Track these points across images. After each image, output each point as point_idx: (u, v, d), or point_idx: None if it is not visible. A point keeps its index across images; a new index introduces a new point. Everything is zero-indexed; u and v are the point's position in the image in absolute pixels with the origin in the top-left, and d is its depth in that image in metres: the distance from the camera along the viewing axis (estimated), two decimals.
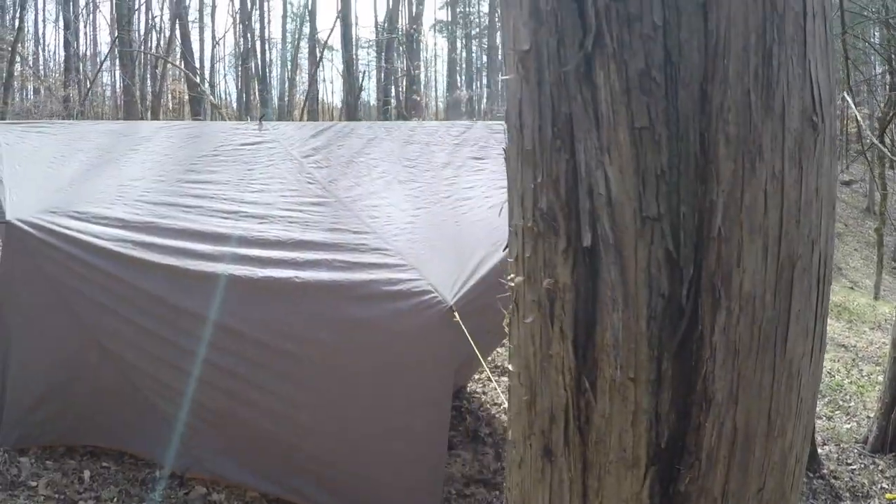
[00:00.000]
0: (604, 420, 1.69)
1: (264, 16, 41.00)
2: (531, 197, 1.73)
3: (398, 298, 4.58)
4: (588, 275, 1.65)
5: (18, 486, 5.34)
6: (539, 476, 1.88)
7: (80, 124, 8.16)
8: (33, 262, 5.56)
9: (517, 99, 1.75)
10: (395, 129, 6.57)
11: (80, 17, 38.71)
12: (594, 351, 1.67)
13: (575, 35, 1.59)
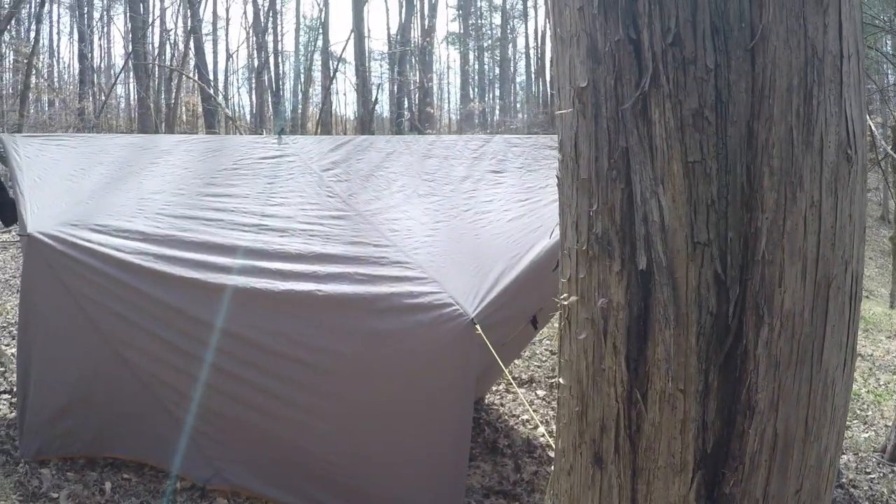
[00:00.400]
0: (654, 428, 1.85)
1: (278, 29, 41.18)
2: (586, 222, 1.90)
3: (419, 311, 4.63)
4: (640, 295, 1.81)
5: (40, 498, 5.38)
6: (589, 482, 2.03)
7: (99, 137, 8.22)
8: (54, 274, 5.61)
9: (573, 131, 1.91)
10: (413, 142, 6.59)
11: (95, 30, 39.02)
12: (646, 365, 1.83)
13: (632, 74, 1.76)
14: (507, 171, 5.81)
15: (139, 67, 24.33)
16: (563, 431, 2.15)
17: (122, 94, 37.04)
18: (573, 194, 1.95)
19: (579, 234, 1.94)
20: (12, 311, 10.80)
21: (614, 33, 1.77)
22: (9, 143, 6.67)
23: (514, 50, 49.08)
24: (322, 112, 26.92)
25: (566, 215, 2.03)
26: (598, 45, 1.81)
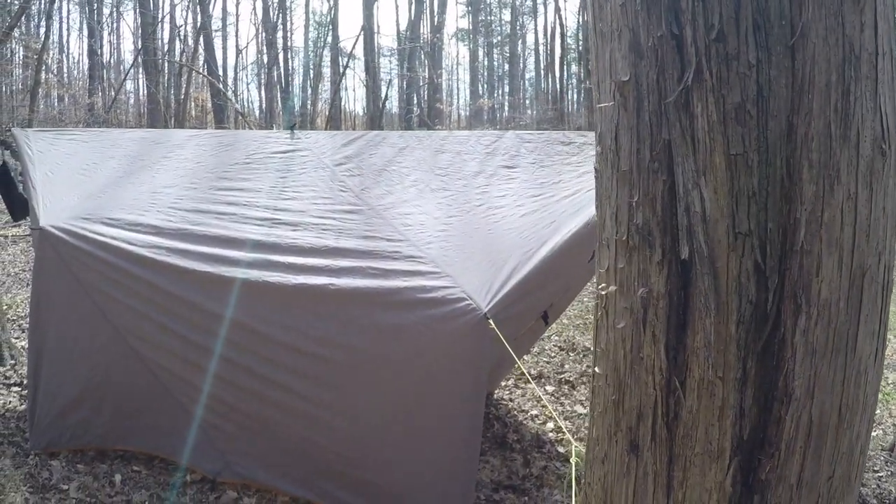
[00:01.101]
0: (691, 416, 1.91)
1: (287, 25, 41.25)
2: (626, 213, 1.96)
3: (432, 305, 4.63)
4: (680, 284, 1.87)
5: (50, 490, 5.42)
6: (624, 470, 2.08)
7: (111, 132, 8.23)
8: (66, 268, 5.63)
9: (613, 123, 1.97)
10: (426, 138, 6.58)
11: (105, 26, 39.12)
12: (685, 353, 1.89)
13: (674, 69, 1.82)
14: (519, 167, 5.80)
15: (149, 63, 24.38)
16: (598, 420, 2.19)
17: (132, 90, 37.22)
18: (612, 185, 2.01)
19: (619, 225, 1.99)
20: (23, 304, 10.84)
21: (657, 28, 1.82)
22: (21, 138, 6.68)
23: (523, 46, 49.07)
24: (332, 108, 26.93)
25: (605, 206, 2.08)
26: (640, 40, 1.86)
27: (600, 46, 2.02)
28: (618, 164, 1.96)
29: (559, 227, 4.88)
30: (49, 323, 5.82)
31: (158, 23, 28.30)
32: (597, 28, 2.03)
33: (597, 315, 2.17)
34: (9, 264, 13.68)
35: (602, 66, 2.02)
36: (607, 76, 1.99)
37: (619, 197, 1.97)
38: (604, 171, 2.06)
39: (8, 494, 5.20)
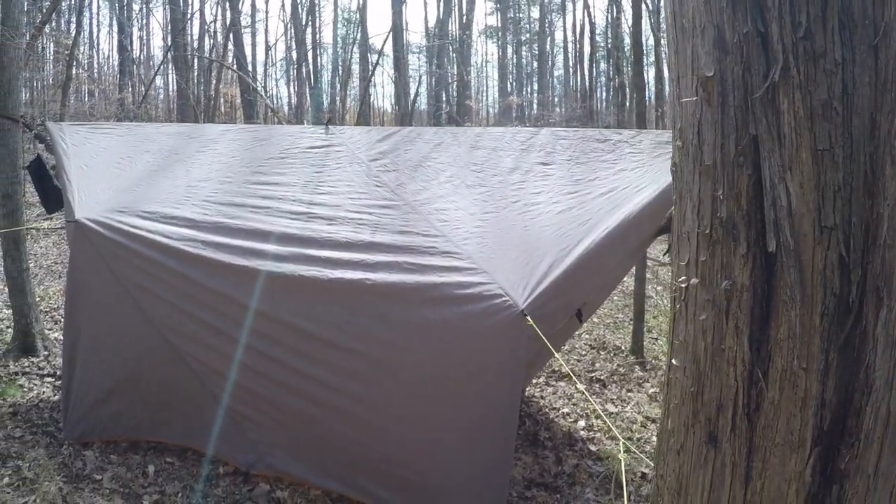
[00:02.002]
0: (773, 406, 1.94)
1: (316, 22, 41.32)
2: (709, 207, 2.00)
3: (469, 301, 4.64)
4: (764, 277, 1.91)
5: (83, 479, 5.47)
6: (701, 461, 2.13)
7: (145, 126, 8.30)
8: (102, 260, 5.68)
9: (696, 118, 2.02)
10: (461, 134, 6.57)
11: (134, 22, 39.42)
12: (768, 344, 1.92)
13: (760, 65, 1.86)
14: (555, 164, 5.79)
15: (179, 59, 24.53)
16: (674, 412, 2.23)
17: (161, 86, 37.37)
18: (694, 180, 2.05)
19: (701, 219, 2.03)
20: (55, 296, 10.96)
21: (742, 25, 1.86)
22: (55, 132, 6.74)
23: (551, 44, 48.82)
24: (361, 105, 26.93)
25: (685, 200, 2.11)
26: (725, 37, 1.90)
27: (681, 42, 2.07)
28: (700, 159, 2.01)
29: (595, 224, 4.87)
30: (84, 315, 5.87)
31: (189, 19, 28.48)
32: (677, 23, 2.08)
33: (675, 307, 2.21)
34: (41, 257, 13.81)
35: (683, 61, 2.07)
36: (689, 71, 2.03)
37: (702, 191, 2.01)
38: (684, 165, 2.10)
39: (42, 483, 5.25)
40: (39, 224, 15.86)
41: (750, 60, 1.86)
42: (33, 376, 7.60)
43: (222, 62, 22.84)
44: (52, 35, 21.96)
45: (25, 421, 6.44)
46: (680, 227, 2.16)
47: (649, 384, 7.77)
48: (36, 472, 5.45)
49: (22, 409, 6.66)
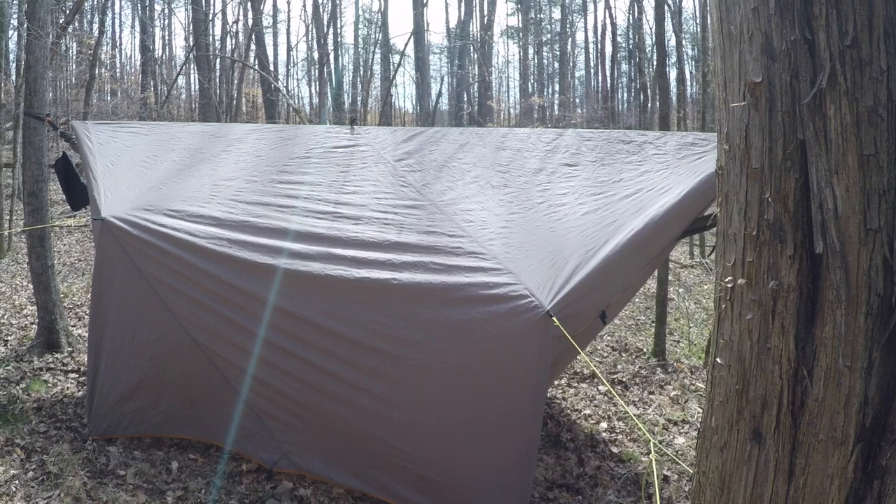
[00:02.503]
0: (817, 404, 2.00)
1: (337, 22, 41.42)
2: (756, 209, 2.06)
3: (494, 302, 4.66)
4: (810, 277, 1.98)
5: (107, 475, 5.52)
6: (744, 458, 2.19)
7: (170, 125, 8.35)
8: (128, 258, 5.72)
9: (743, 123, 2.08)
10: (486, 134, 6.58)
11: (157, 22, 39.68)
12: (813, 343, 1.98)
13: (807, 72, 1.93)
14: (580, 165, 5.79)
15: (201, 59, 24.67)
16: (718, 409, 2.28)
17: (183, 85, 37.60)
18: (741, 182, 2.11)
19: (748, 221, 2.09)
20: (79, 293, 11.05)
21: (790, 33, 1.93)
22: (81, 130, 6.79)
23: (573, 44, 48.63)
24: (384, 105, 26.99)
25: (731, 202, 2.17)
26: (773, 44, 1.97)
27: (728, 48, 2.12)
28: (748, 162, 2.06)
29: (621, 226, 4.87)
30: (109, 312, 5.92)
31: (211, 20, 28.64)
32: (723, 29, 2.13)
33: (720, 307, 2.26)
34: (65, 254, 13.94)
35: (730, 66, 2.12)
36: (736, 77, 2.09)
37: (749, 194, 2.07)
38: (731, 168, 2.15)
39: (66, 478, 5.31)
40: (64, 221, 16.01)
41: (797, 67, 1.93)
42: (57, 372, 7.67)
43: (245, 62, 22.93)
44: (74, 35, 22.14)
45: (50, 416, 6.50)
46: (726, 229, 2.21)
47: (671, 387, 7.76)
48: (60, 466, 5.51)
49: (46, 405, 6.73)
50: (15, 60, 20.66)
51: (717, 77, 2.21)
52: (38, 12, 8.39)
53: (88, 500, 5.09)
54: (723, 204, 2.23)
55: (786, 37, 1.92)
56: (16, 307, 10.37)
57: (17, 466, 5.52)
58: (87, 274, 12.53)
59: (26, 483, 5.29)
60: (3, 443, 5.89)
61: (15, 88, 17.97)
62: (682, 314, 11.09)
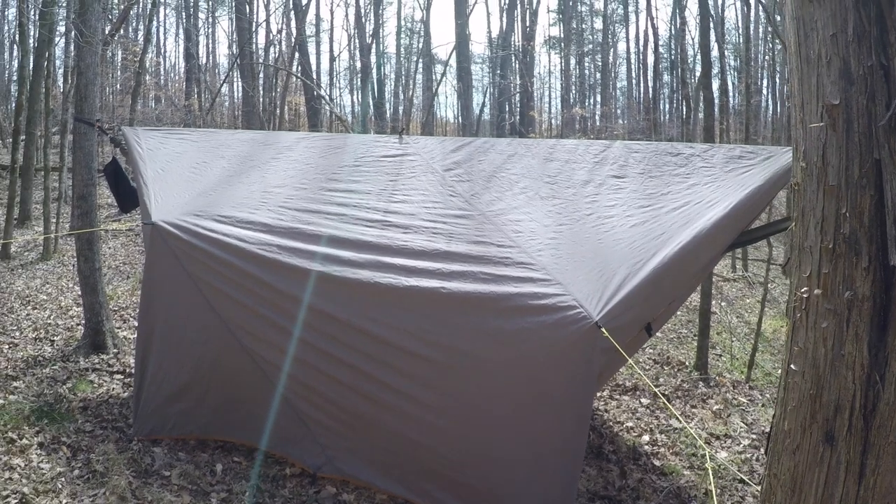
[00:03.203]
0: (888, 407, 2.09)
1: (379, 32, 41.68)
2: (832, 223, 2.15)
3: (543, 312, 4.67)
4: (883, 288, 2.06)
5: (152, 475, 5.59)
6: (816, 460, 2.27)
7: (220, 132, 8.45)
8: (177, 262, 5.81)
9: (821, 142, 2.18)
10: (534, 145, 6.59)
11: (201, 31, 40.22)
12: (885, 350, 2.07)
13: (882, 96, 2.01)
14: (628, 177, 5.79)
15: (245, 67, 24.96)
16: (791, 414, 2.37)
17: (227, 93, 38.03)
18: (818, 198, 2.20)
19: (824, 234, 2.18)
20: (124, 295, 11.20)
21: (867, 59, 2.01)
22: (131, 136, 6.90)
23: (614, 55, 48.30)
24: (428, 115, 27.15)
25: (808, 217, 2.25)
26: (850, 68, 2.05)
27: (806, 71, 2.20)
28: (825, 179, 2.15)
29: (668, 239, 4.87)
30: (158, 314, 6.01)
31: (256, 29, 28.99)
32: (802, 53, 2.21)
33: (794, 316, 2.34)
34: (110, 257, 14.15)
35: (808, 88, 2.20)
36: (814, 98, 2.18)
37: (826, 209, 2.16)
38: (808, 185, 2.25)
39: (111, 477, 5.39)
40: (110, 225, 16.25)
41: (874, 91, 2.01)
42: (103, 373, 7.80)
43: (289, 70, 23.14)
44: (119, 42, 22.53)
45: (95, 416, 6.61)
46: (802, 242, 2.29)
47: (713, 401, 7.71)
48: (106, 465, 5.59)
49: (92, 405, 6.84)
50: (62, 67, 21.06)
51: (794, 98, 2.29)
52: (90, 20, 8.55)
53: (133, 499, 5.15)
54: (799, 218, 2.31)
55: (863, 62, 2.01)
56: (62, 308, 10.54)
57: (64, 464, 5.62)
58: (132, 277, 12.73)
59: (72, 480, 5.38)
60: (50, 440, 6.00)
61: (62, 94, 18.32)
62: (725, 328, 11.01)
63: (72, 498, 5.13)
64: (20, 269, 12.99)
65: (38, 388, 7.15)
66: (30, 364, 7.96)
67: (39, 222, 16.24)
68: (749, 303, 13.58)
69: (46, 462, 5.62)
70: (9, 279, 12.19)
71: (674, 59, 38.49)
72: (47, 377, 7.53)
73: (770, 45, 35.49)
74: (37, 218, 17.16)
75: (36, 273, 12.76)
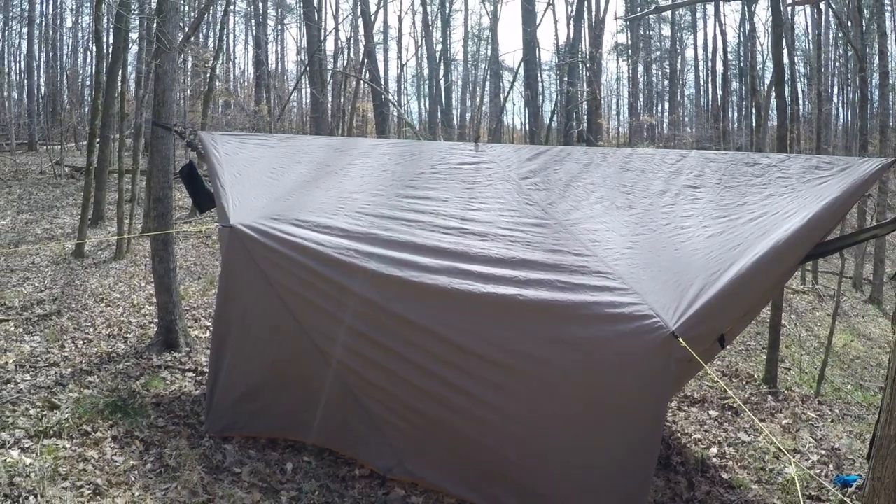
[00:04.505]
0: None
1: (447, 39, 41.92)
2: None
3: (619, 321, 4.68)
4: None
5: (223, 472, 5.69)
6: None
7: (296, 138, 8.59)
8: (255, 264, 5.91)
9: None
10: (610, 154, 6.57)
11: (270, 38, 40.90)
12: None
13: None
14: (704, 187, 5.75)
15: (314, 74, 25.31)
16: None
17: (295, 99, 38.55)
18: None
19: None
20: (195, 295, 11.42)
21: None
22: (208, 141, 7.04)
23: (682, 62, 47.66)
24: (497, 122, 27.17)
25: None
26: None
27: None
28: None
29: (745, 250, 4.83)
30: (234, 315, 6.12)
31: (326, 37, 29.39)
32: None
33: None
34: (182, 258, 14.42)
35: None
36: None
37: None
38: None
39: (184, 472, 5.49)
40: (186, 227, 16.57)
41: None
42: (175, 370, 7.96)
43: (359, 77, 23.39)
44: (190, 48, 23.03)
45: (168, 412, 6.75)
46: None
47: (782, 415, 7.60)
48: (178, 460, 5.72)
49: (164, 401, 6.99)
50: (133, 73, 21.60)
51: None
52: (167, 27, 8.75)
53: (205, 494, 5.25)
54: None
55: None
56: (134, 306, 10.77)
57: (136, 458, 5.75)
58: (203, 278, 12.98)
59: (145, 474, 5.50)
60: (124, 434, 6.14)
61: (135, 99, 18.78)
62: (794, 341, 10.83)
63: (144, 491, 5.25)
64: (94, 268, 13.32)
65: (112, 384, 7.32)
66: (104, 360, 8.16)
67: (112, 222, 16.64)
68: (818, 316, 13.36)
69: (120, 455, 5.76)
70: (83, 277, 12.51)
71: (743, 66, 37.91)
72: (121, 373, 7.72)
73: (841, 51, 34.79)
74: (109, 218, 17.59)
75: (109, 272, 13.07)
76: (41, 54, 41.77)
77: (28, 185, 22.86)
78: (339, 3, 39.12)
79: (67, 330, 9.31)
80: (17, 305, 10.37)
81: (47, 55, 41.99)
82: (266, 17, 40.68)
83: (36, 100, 39.12)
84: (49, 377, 7.42)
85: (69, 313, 10.10)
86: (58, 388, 7.07)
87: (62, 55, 43.54)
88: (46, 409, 6.50)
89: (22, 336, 8.93)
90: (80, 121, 33.07)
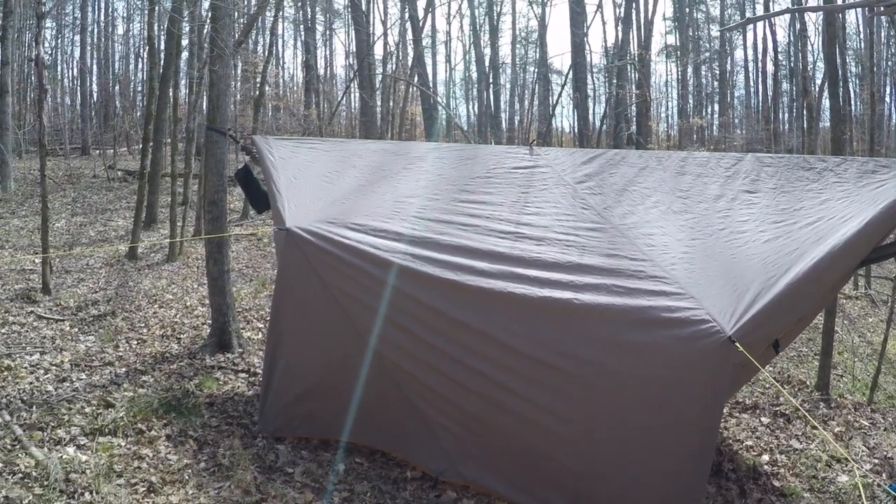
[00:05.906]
0: None
1: (495, 43, 41.93)
2: None
3: (676, 325, 4.67)
4: None
5: (276, 471, 5.74)
6: None
7: (350, 142, 8.65)
8: (311, 267, 5.96)
9: None
10: (665, 158, 6.55)
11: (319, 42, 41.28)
12: None
13: None
14: (760, 192, 5.73)
15: (364, 78, 25.49)
16: None
17: (344, 103, 38.84)
18: None
19: None
20: (246, 297, 11.54)
21: None
22: (262, 145, 7.10)
23: (731, 63, 46.95)
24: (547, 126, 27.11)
25: None
26: None
27: None
28: None
29: (801, 255, 4.81)
30: (289, 317, 6.18)
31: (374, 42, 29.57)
32: None
33: None
34: (234, 260, 14.55)
35: None
36: None
37: None
38: None
39: (237, 471, 5.55)
40: (237, 230, 16.75)
41: None
42: (228, 371, 8.05)
43: (409, 81, 23.51)
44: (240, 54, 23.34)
45: (221, 412, 6.83)
46: None
47: (834, 422, 7.47)
48: (231, 460, 5.78)
49: (218, 401, 7.07)
50: (185, 78, 21.89)
51: None
52: (221, 34, 8.86)
53: (258, 493, 5.30)
54: None
55: None
56: (187, 308, 10.91)
57: (190, 456, 5.82)
58: (255, 280, 13.10)
59: (198, 472, 5.57)
60: (177, 433, 6.22)
61: (188, 104, 19.04)
62: (847, 347, 10.64)
63: (198, 489, 5.31)
64: (147, 270, 13.48)
65: (166, 383, 7.42)
66: (157, 360, 8.27)
67: (165, 225, 16.83)
68: (871, 322, 13.10)
69: (174, 454, 5.84)
70: (136, 279, 12.67)
71: (793, 66, 37.34)
72: (174, 373, 7.83)
73: (893, 50, 34.04)
74: (162, 221, 17.81)
75: (162, 273, 13.22)
76: (93, 61, 42.66)
77: (82, 188, 23.25)
78: (387, 8, 39.29)
79: (122, 330, 9.43)
80: (73, 306, 10.52)
81: (99, 62, 42.86)
82: (315, 22, 41.06)
83: (89, 105, 39.89)
84: (104, 376, 7.53)
85: (123, 314, 10.23)
86: (113, 387, 7.17)
87: (114, 61, 44.45)
88: (102, 407, 6.60)
89: (77, 336, 9.07)
90: (132, 125, 33.63)
